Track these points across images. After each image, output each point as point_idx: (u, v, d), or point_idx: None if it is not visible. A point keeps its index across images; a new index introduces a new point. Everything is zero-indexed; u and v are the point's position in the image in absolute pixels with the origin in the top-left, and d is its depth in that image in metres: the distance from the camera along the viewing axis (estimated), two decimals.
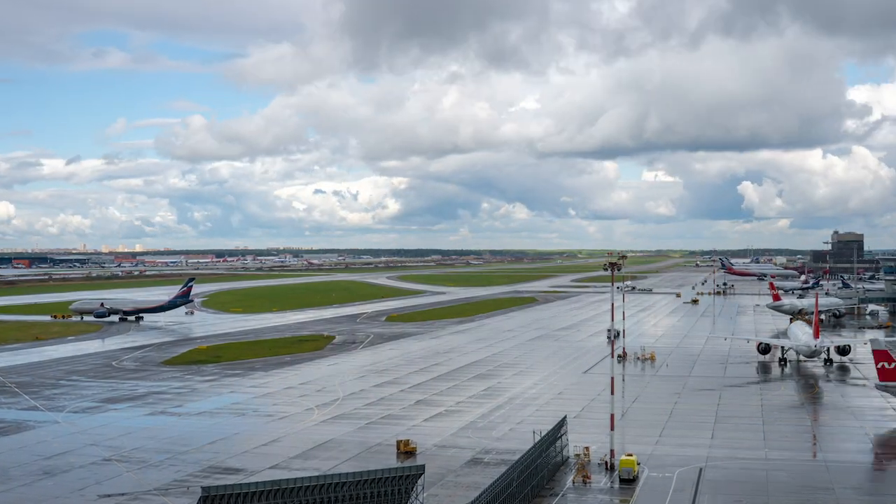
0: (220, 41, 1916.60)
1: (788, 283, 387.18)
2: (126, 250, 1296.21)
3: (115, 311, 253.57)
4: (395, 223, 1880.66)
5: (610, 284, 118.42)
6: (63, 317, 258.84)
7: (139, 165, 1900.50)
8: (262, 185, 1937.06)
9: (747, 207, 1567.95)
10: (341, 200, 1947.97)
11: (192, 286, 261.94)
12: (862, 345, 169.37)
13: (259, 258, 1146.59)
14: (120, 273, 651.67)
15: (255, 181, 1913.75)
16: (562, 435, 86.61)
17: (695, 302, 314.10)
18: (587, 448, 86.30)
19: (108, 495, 76.46)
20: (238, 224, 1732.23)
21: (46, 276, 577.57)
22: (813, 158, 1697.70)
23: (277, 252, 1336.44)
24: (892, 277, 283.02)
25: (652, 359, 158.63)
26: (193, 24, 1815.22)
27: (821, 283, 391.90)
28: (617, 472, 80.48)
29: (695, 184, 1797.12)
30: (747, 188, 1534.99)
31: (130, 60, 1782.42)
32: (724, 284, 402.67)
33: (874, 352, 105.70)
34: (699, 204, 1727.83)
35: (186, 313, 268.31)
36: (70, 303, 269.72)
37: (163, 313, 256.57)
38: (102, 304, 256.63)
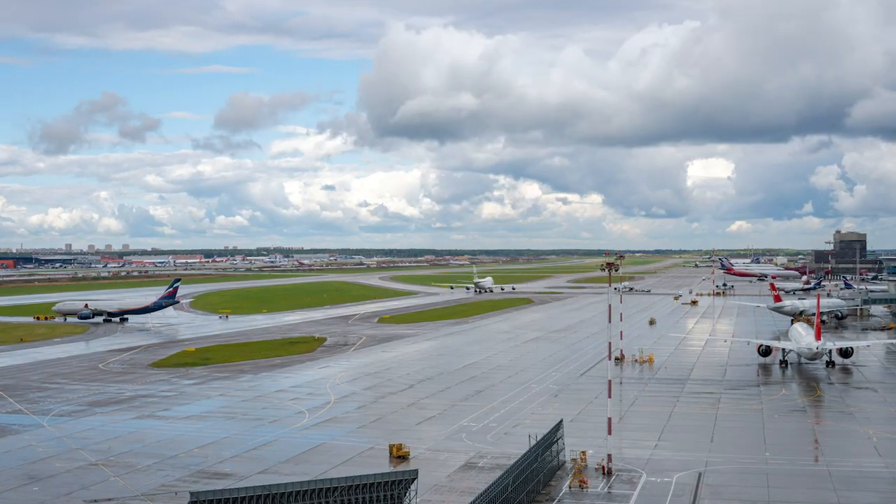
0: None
1: (790, 284, 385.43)
2: (112, 250, 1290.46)
3: (100, 313, 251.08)
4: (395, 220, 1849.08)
5: (607, 285, 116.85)
6: (46, 318, 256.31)
7: (130, 160, 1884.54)
8: (257, 181, 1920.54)
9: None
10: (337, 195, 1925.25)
11: (178, 287, 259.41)
12: (864, 347, 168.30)
13: (248, 258, 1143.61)
14: (106, 273, 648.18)
15: (250, 178, 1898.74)
16: (558, 439, 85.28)
17: (694, 303, 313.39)
18: (584, 452, 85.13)
19: (95, 501, 74.96)
20: (230, 222, 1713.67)
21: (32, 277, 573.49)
22: None
23: (267, 252, 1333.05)
24: None
25: (650, 361, 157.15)
26: None
27: (822, 283, 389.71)
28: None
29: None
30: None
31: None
32: (724, 285, 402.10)
33: None
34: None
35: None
36: (55, 304, 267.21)
37: (148, 315, 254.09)
38: (87, 305, 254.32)
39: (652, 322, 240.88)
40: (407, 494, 66.66)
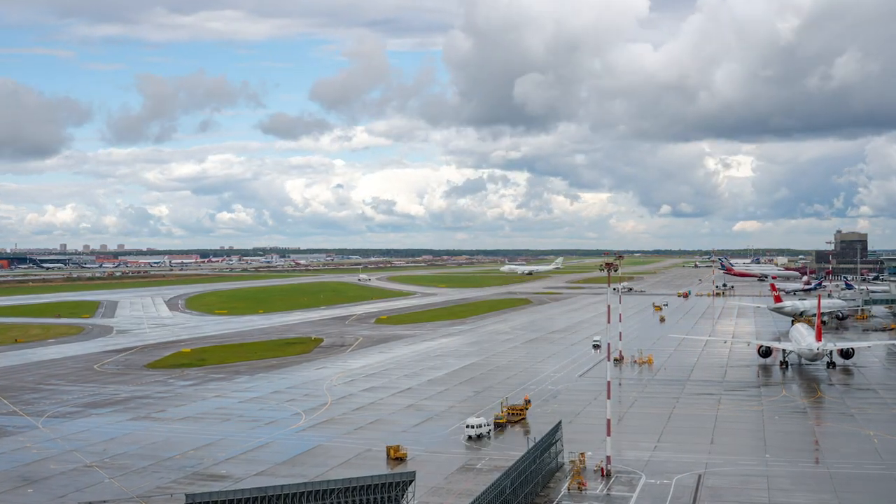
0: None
1: (790, 285, 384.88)
2: (108, 250, 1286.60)
3: None
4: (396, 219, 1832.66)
5: (606, 285, 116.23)
6: None
7: (126, 157, 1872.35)
8: (252, 180, 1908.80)
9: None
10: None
11: None
12: (865, 348, 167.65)
13: (245, 258, 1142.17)
14: (101, 274, 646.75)
15: (245, 176, 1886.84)
16: (556, 440, 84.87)
17: (685, 296, 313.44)
18: (582, 454, 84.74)
19: (90, 503, 74.50)
20: (226, 221, 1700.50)
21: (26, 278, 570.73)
22: None
23: (264, 252, 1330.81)
24: None
25: (649, 362, 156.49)
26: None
27: (823, 284, 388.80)
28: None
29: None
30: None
31: None
32: (724, 286, 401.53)
33: None
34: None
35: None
36: (51, 304, 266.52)
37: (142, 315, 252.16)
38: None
39: (661, 308, 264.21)
40: (405, 496, 66.25)
